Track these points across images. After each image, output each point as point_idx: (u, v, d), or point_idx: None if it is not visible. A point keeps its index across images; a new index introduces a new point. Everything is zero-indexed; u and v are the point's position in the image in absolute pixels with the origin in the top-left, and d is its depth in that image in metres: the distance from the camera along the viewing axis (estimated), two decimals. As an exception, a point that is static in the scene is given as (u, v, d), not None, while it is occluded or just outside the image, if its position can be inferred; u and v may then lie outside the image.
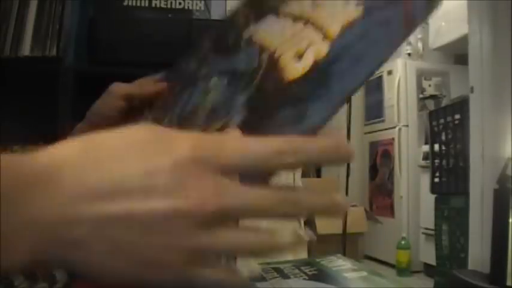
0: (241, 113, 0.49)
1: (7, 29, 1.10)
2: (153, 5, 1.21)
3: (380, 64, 0.44)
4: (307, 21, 0.53)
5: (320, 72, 0.47)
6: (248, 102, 0.50)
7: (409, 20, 0.45)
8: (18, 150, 1.09)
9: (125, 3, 1.19)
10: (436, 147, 2.49)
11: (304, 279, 0.50)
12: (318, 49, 0.48)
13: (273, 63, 0.51)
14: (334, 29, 0.49)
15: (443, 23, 3.11)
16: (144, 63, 1.03)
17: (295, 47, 0.51)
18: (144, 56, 1.12)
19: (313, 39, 0.51)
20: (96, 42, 1.17)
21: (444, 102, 3.21)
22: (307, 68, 0.47)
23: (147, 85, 0.67)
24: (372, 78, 0.49)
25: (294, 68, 0.49)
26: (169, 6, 1.21)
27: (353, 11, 0.47)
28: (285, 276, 0.50)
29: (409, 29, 0.44)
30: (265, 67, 0.52)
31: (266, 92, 0.50)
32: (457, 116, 2.31)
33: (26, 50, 1.11)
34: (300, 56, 0.49)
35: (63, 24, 1.14)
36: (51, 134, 1.13)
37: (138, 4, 1.20)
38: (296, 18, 0.53)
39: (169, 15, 1.19)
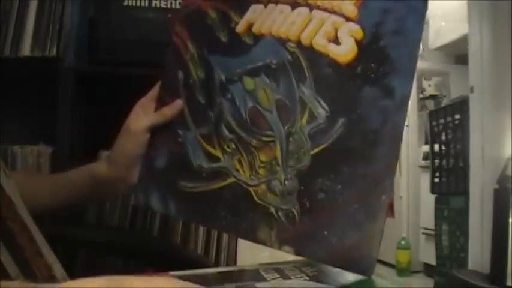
0: (320, 104, 0.50)
1: (7, 29, 1.10)
2: (153, 5, 1.21)
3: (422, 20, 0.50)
4: (307, 5, 0.53)
5: (370, 49, 0.48)
6: (319, 93, 0.51)
7: None
8: (18, 151, 1.08)
9: (125, 3, 1.19)
10: (436, 147, 2.49)
11: (305, 279, 0.50)
12: (350, 30, 0.49)
13: (308, 51, 0.51)
14: (348, 8, 0.49)
15: (443, 23, 3.11)
16: (144, 63, 1.03)
17: (321, 31, 0.51)
18: (144, 56, 1.12)
19: (334, 20, 0.50)
20: (96, 42, 1.16)
21: (444, 102, 3.21)
22: (354, 49, 0.49)
23: (167, 110, 0.65)
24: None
25: (339, 51, 0.50)
26: (169, 6, 1.21)
27: None
28: (286, 276, 0.50)
29: None
30: (303, 57, 0.52)
31: (328, 79, 0.50)
32: (457, 116, 2.31)
33: (26, 50, 1.10)
34: (332, 39, 0.50)
35: (63, 24, 1.14)
36: (51, 134, 1.13)
37: (138, 4, 1.20)
38: (294, 4, 0.53)
39: (169, 15, 1.19)
